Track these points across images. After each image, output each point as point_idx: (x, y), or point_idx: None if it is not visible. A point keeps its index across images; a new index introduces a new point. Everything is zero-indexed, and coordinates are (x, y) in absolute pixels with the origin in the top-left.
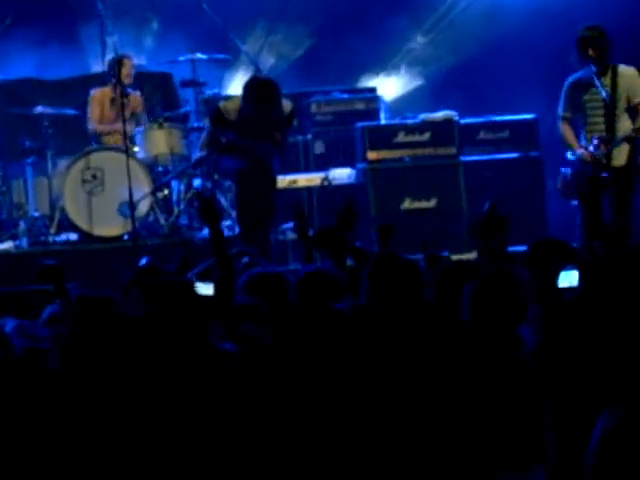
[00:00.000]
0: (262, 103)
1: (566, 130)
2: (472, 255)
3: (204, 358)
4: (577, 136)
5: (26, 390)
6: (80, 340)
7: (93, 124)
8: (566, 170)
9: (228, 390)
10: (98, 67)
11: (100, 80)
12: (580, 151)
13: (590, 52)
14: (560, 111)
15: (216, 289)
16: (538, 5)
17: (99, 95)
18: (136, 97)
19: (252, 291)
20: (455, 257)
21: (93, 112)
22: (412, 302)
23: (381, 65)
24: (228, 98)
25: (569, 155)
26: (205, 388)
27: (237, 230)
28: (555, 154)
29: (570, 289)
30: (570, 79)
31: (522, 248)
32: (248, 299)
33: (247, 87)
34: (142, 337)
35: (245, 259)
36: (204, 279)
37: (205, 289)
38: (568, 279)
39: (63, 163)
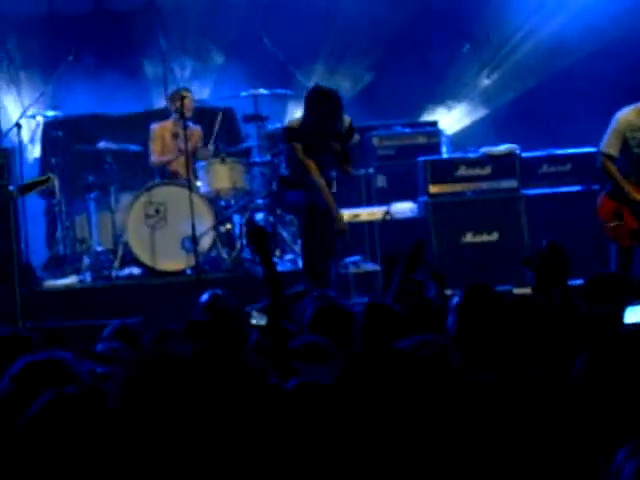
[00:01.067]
0: (325, 112)
1: (615, 171)
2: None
3: (260, 396)
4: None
5: (82, 428)
6: (139, 381)
7: (154, 157)
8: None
9: (284, 428)
10: (161, 102)
11: (162, 115)
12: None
13: None
14: (607, 148)
15: (270, 324)
16: (600, 39)
17: (160, 129)
18: (197, 131)
19: (319, 325)
20: (518, 291)
21: (155, 146)
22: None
23: (442, 99)
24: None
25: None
26: (261, 426)
27: (300, 264)
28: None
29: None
30: (627, 114)
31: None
32: (312, 337)
33: (310, 97)
34: (195, 376)
35: (299, 287)
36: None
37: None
38: (638, 315)
39: (126, 198)
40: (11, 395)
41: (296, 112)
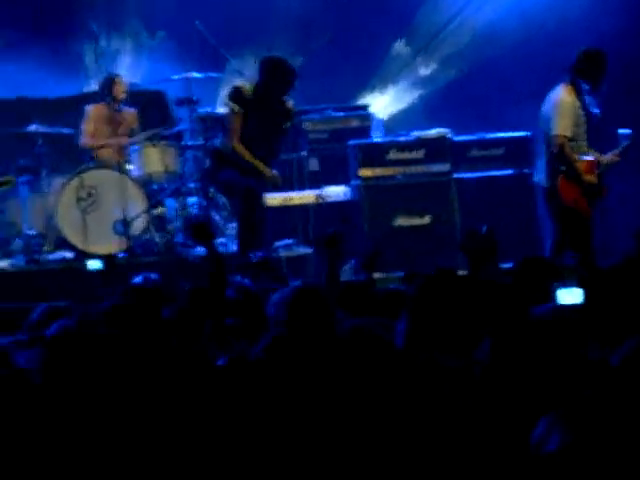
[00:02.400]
0: (284, 82)
1: (572, 152)
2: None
3: (191, 370)
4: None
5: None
6: (60, 360)
7: (85, 139)
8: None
9: (217, 402)
10: (92, 86)
11: (94, 99)
12: (589, 177)
13: (594, 71)
14: (563, 130)
15: (211, 310)
16: (530, 23)
17: (94, 111)
18: (132, 114)
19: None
20: None
21: (87, 127)
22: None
23: (375, 83)
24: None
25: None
26: (193, 399)
27: (231, 248)
28: None
29: (574, 306)
30: (566, 95)
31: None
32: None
33: (272, 63)
34: (123, 354)
35: None
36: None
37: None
38: (572, 297)
39: (58, 181)
40: None
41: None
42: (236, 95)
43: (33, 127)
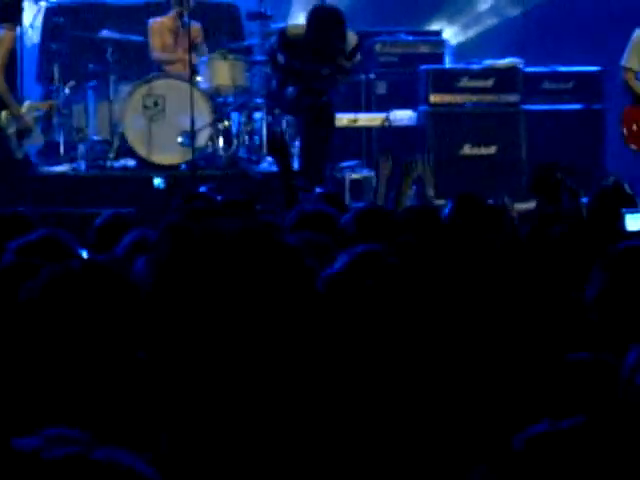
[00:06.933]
0: (326, 30)
1: (636, 85)
2: (531, 204)
3: (297, 276)
4: None
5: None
6: (177, 262)
7: (156, 53)
8: None
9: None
10: None
11: (163, 8)
12: None
13: None
14: (628, 62)
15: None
16: None
17: (158, 25)
18: (195, 27)
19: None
20: (514, 206)
21: (154, 42)
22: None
23: (449, 8)
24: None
25: None
26: (297, 308)
27: (295, 165)
28: (620, 107)
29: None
30: None
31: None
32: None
33: (311, 14)
34: (238, 254)
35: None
36: None
37: None
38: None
39: (125, 89)
40: (13, 268)
41: (300, 14)
42: (282, 38)
43: (104, 33)
